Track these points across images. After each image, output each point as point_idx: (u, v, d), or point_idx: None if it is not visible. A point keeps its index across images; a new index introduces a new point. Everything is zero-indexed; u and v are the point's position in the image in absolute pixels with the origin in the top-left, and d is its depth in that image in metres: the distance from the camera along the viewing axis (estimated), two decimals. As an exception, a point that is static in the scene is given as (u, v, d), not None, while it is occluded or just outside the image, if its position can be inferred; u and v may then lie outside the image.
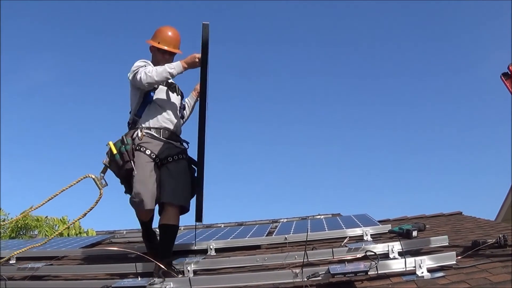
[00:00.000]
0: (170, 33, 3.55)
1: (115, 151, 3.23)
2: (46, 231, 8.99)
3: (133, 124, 3.41)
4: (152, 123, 3.38)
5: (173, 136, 3.44)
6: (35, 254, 4.37)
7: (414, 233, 3.65)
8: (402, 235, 3.67)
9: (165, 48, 3.50)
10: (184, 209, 3.34)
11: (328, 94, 21.35)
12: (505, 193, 10.02)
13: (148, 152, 3.26)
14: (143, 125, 3.37)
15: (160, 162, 3.30)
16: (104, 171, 3.31)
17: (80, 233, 9.33)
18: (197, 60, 3.25)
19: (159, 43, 3.52)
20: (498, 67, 2.93)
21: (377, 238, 3.80)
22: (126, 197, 3.32)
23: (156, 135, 3.35)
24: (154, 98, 3.42)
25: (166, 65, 3.31)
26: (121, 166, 3.21)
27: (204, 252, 3.79)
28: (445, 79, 20.32)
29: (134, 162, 3.20)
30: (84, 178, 3.27)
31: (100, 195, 3.24)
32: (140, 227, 3.57)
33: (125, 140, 3.27)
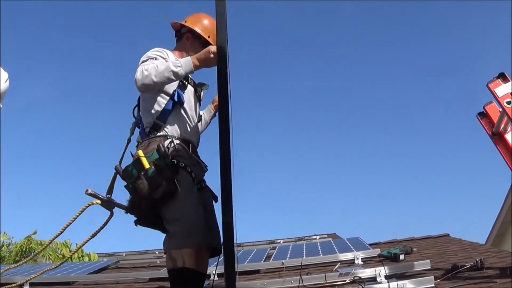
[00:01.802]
0: (207, 22, 2.81)
1: (147, 165, 2.39)
2: (50, 254, 9.22)
3: (153, 130, 2.61)
4: (180, 132, 2.63)
5: (196, 153, 2.72)
6: (46, 280, 4.63)
7: (401, 257, 3.95)
8: (390, 258, 3.98)
9: (207, 38, 2.74)
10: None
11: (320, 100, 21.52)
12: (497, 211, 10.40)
13: (189, 169, 2.49)
14: (170, 134, 2.60)
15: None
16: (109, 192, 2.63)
17: (82, 256, 9.57)
18: (212, 56, 2.45)
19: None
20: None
21: (368, 261, 4.09)
22: (123, 215, 2.66)
23: (187, 149, 2.62)
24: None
25: (170, 61, 2.51)
26: (155, 188, 2.37)
27: (206, 277, 4.05)
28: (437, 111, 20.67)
29: (180, 182, 2.41)
30: (88, 206, 2.64)
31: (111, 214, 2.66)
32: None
33: (162, 148, 2.41)
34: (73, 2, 19.37)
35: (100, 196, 2.61)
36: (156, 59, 2.58)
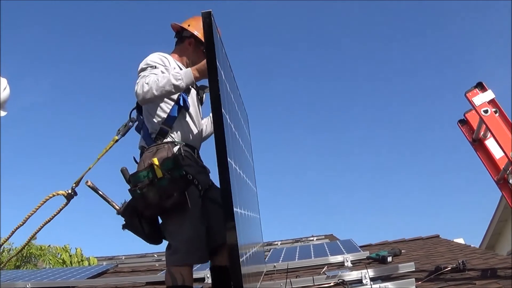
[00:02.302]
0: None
1: (160, 174, 2.36)
2: (50, 259, 9.34)
3: (160, 136, 2.55)
4: (186, 138, 2.60)
5: (199, 158, 2.71)
6: (46, 285, 4.79)
7: (389, 259, 4.09)
8: (378, 260, 4.12)
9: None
10: None
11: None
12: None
13: (195, 181, 2.47)
14: (178, 140, 2.56)
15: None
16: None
17: (82, 260, 9.70)
18: None
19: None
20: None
21: (357, 264, 4.23)
22: (116, 218, 2.62)
23: (194, 155, 2.61)
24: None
25: (171, 74, 2.43)
26: (166, 198, 2.36)
27: (201, 280, 4.19)
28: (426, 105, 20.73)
29: (189, 195, 2.40)
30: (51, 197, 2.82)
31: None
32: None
33: (180, 158, 2.42)
34: (73, 2, 19.54)
35: (99, 191, 2.66)
36: (155, 67, 2.53)
